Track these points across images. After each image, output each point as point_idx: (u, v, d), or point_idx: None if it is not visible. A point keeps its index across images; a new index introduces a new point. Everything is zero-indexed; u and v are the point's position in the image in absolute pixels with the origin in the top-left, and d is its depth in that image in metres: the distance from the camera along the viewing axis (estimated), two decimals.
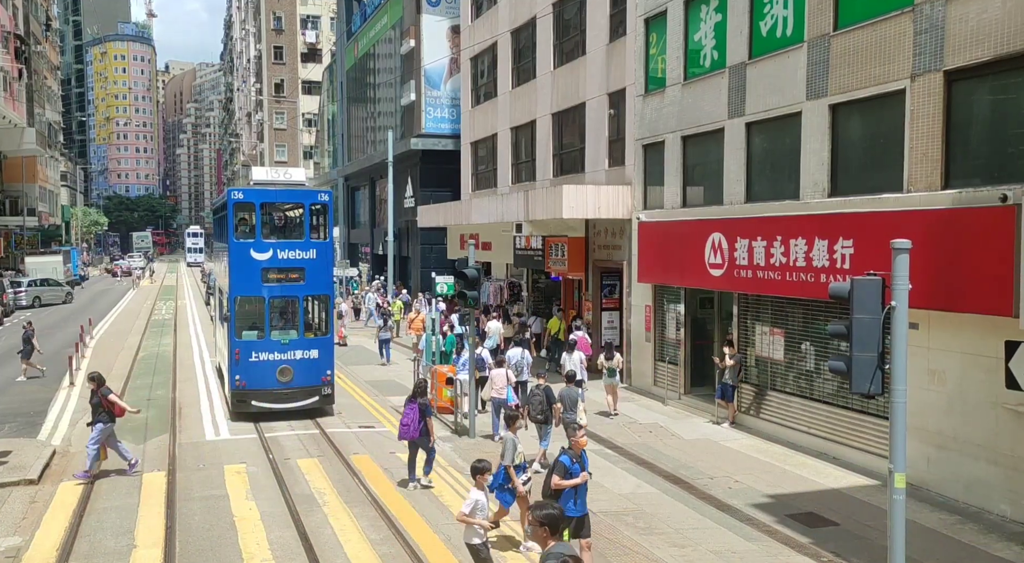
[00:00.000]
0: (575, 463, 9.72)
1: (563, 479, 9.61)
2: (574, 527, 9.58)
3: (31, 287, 46.69)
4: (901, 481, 7.65)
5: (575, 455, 9.83)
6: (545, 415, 14.20)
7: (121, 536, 11.07)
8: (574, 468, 9.68)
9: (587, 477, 9.82)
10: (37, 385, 22.38)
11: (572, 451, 9.87)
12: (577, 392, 14.56)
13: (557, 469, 9.70)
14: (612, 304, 22.90)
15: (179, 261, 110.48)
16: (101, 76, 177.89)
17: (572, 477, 9.62)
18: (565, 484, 9.60)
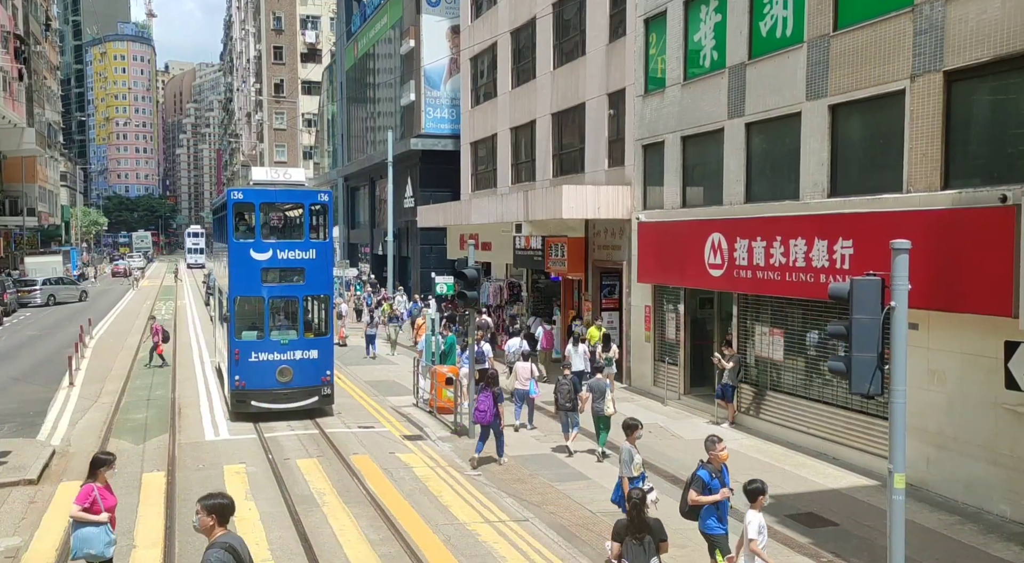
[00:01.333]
0: (714, 478, 9.03)
1: (701, 494, 8.97)
2: (723, 545, 8.97)
3: (46, 285, 46.90)
4: (901, 481, 7.64)
5: (715, 469, 9.10)
6: (572, 403, 15.33)
7: (121, 536, 11.02)
8: (713, 483, 8.99)
9: (728, 494, 9.08)
10: (37, 385, 22.37)
11: (711, 465, 9.13)
12: (605, 383, 15.17)
13: (695, 484, 9.02)
14: (612, 304, 22.90)
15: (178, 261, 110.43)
16: (101, 76, 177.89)
17: (711, 493, 8.97)
18: (703, 500, 8.97)
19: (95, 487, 8.50)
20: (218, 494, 6.34)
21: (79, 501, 8.39)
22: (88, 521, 8.36)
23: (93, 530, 8.35)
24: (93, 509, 8.39)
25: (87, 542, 8.34)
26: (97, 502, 8.43)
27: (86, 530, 8.34)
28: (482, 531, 11.30)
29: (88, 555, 8.35)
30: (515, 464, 14.75)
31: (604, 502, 12.64)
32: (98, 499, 8.45)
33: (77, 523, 8.39)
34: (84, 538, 8.34)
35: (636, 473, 10.45)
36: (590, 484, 13.56)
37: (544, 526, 11.52)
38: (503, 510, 12.15)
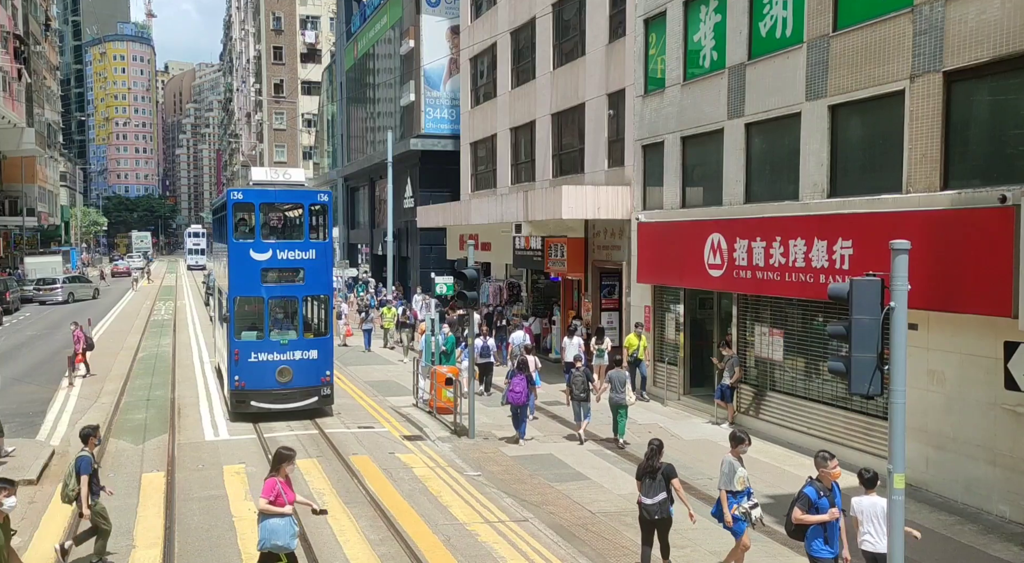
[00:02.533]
0: (823, 496, 8.51)
1: (806, 513, 8.47)
2: None
3: (66, 284, 49.40)
4: (900, 481, 7.64)
5: (824, 488, 8.61)
6: (586, 393, 16.05)
7: (120, 536, 11.06)
8: (821, 502, 8.48)
9: (838, 514, 8.55)
10: (36, 385, 22.37)
11: (820, 483, 8.67)
12: (625, 374, 16.00)
13: (800, 502, 8.49)
14: (611, 304, 22.90)
15: (178, 261, 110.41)
16: (100, 76, 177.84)
17: (818, 512, 8.50)
18: (809, 519, 8.50)
19: (278, 481, 8.71)
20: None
21: (265, 494, 8.64)
22: (274, 513, 8.59)
23: (279, 522, 8.59)
24: (278, 502, 8.61)
25: (274, 533, 8.56)
26: (281, 495, 8.64)
27: (272, 521, 8.58)
28: (482, 531, 11.30)
29: (274, 546, 8.58)
30: (515, 464, 14.75)
31: (603, 502, 12.66)
32: (282, 492, 8.65)
33: (263, 515, 8.64)
34: (271, 529, 8.57)
35: (739, 487, 9.73)
36: (590, 484, 13.57)
37: (544, 526, 11.52)
38: (503, 510, 12.15)
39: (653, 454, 9.87)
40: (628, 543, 10.95)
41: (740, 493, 9.72)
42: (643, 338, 19.53)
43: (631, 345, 19.37)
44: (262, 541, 8.62)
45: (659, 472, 9.77)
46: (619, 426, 15.96)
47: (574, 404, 16.25)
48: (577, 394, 16.03)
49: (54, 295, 47.85)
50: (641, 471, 9.96)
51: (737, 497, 9.71)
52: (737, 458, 9.84)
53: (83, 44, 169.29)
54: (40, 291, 47.49)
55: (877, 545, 8.58)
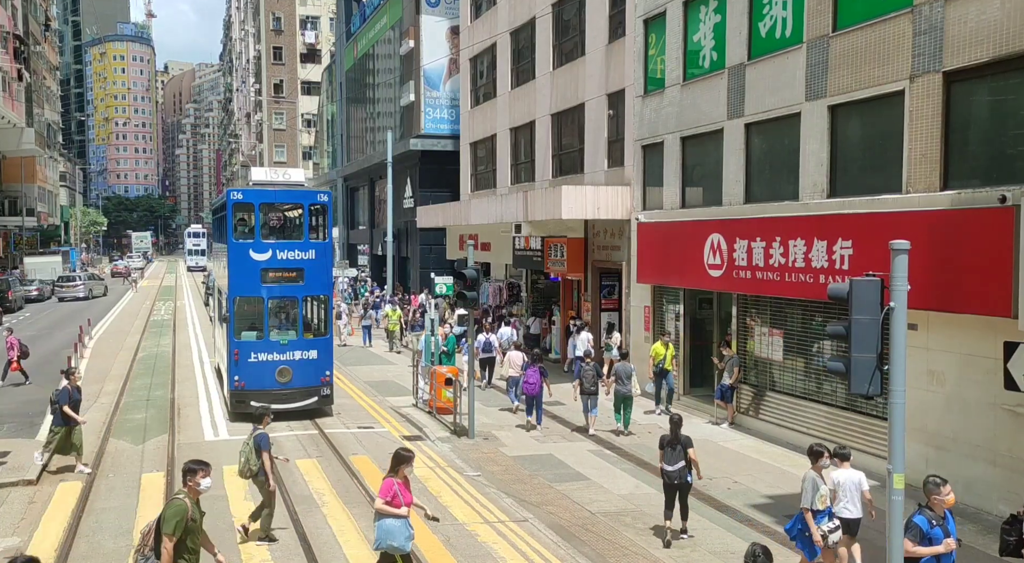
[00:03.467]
0: (936, 526, 7.76)
1: (918, 545, 7.71)
2: None
3: (85, 281, 53.03)
4: (900, 482, 7.64)
5: (937, 516, 7.85)
6: (596, 387, 16.69)
7: (120, 537, 11.06)
8: (934, 532, 7.73)
9: (954, 546, 7.83)
10: (36, 385, 22.35)
11: (932, 511, 7.89)
12: (630, 367, 16.77)
13: (910, 531, 7.72)
14: (611, 305, 22.90)
15: (177, 261, 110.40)
16: (100, 76, 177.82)
17: (931, 543, 7.75)
18: (922, 552, 7.72)
19: (395, 482, 8.69)
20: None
21: (382, 495, 8.63)
22: (390, 514, 8.57)
23: (395, 523, 8.58)
24: (394, 503, 8.59)
25: (390, 534, 8.56)
26: (398, 496, 8.61)
27: (388, 522, 8.57)
28: (481, 531, 11.30)
29: (390, 547, 8.59)
30: (514, 464, 14.75)
31: (603, 502, 12.66)
32: (399, 493, 8.62)
33: (380, 516, 8.64)
34: (387, 530, 8.57)
35: (821, 506, 9.25)
36: (590, 484, 13.57)
37: (543, 526, 11.52)
38: (502, 510, 12.15)
39: (675, 427, 11.16)
40: (628, 543, 10.95)
41: (821, 513, 9.25)
42: (670, 347, 18.42)
43: (657, 355, 18.21)
44: (377, 541, 8.61)
45: (679, 443, 11.03)
46: (625, 417, 16.72)
47: (583, 398, 16.79)
48: (587, 387, 16.60)
49: (76, 291, 50.97)
50: (664, 441, 11.19)
51: (817, 517, 9.23)
52: (819, 474, 9.41)
53: (83, 44, 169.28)
54: (63, 288, 51.04)
55: (854, 512, 9.62)
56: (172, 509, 7.38)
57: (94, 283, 54.55)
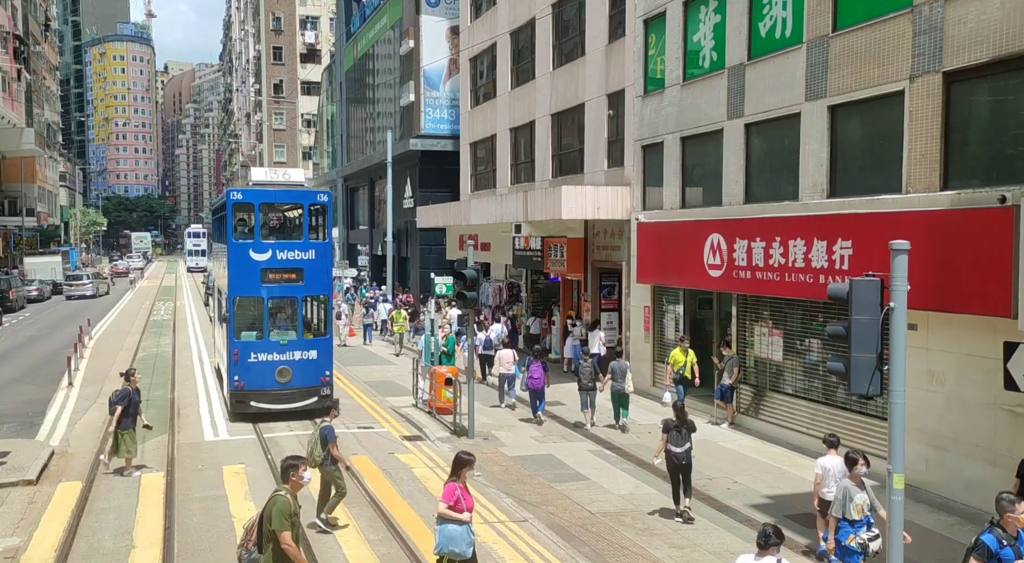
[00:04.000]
0: (1006, 546, 7.19)
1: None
2: None
3: (93, 280, 55.49)
4: (900, 482, 7.64)
5: (1008, 536, 7.26)
6: (594, 383, 17.08)
7: (120, 537, 11.06)
8: (1004, 552, 7.18)
9: None
10: (36, 386, 22.36)
11: (1003, 530, 7.29)
12: (626, 364, 17.08)
13: (978, 551, 7.23)
14: (611, 305, 22.90)
15: (177, 261, 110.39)
16: (100, 76, 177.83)
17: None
18: None
19: (458, 486, 8.58)
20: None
21: (445, 499, 8.53)
22: (452, 519, 8.49)
23: (457, 528, 8.50)
24: (456, 508, 8.49)
25: (452, 539, 8.50)
26: (460, 501, 8.51)
27: (450, 527, 8.50)
28: (481, 531, 11.28)
29: (451, 552, 8.53)
30: (514, 464, 14.75)
31: (603, 502, 12.66)
32: (461, 498, 8.52)
33: (442, 520, 8.55)
34: (449, 535, 8.51)
35: (857, 516, 8.85)
36: (589, 484, 13.57)
37: (543, 526, 11.52)
38: (502, 510, 12.15)
39: (679, 413, 12.06)
40: (627, 543, 10.95)
41: (858, 522, 8.90)
42: (690, 354, 17.50)
43: (676, 362, 17.49)
44: (439, 546, 8.54)
45: (685, 426, 11.90)
46: (624, 413, 17.13)
47: (581, 394, 17.25)
48: (585, 384, 17.06)
49: (84, 289, 53.19)
50: (669, 426, 11.98)
51: (854, 527, 8.89)
52: (856, 483, 9.01)
53: (83, 44, 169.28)
54: (71, 286, 53.37)
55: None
56: (278, 505, 7.47)
57: (99, 281, 56.91)
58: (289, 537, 7.37)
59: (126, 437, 13.81)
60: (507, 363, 19.36)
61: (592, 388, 17.12)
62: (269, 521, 7.41)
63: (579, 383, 17.23)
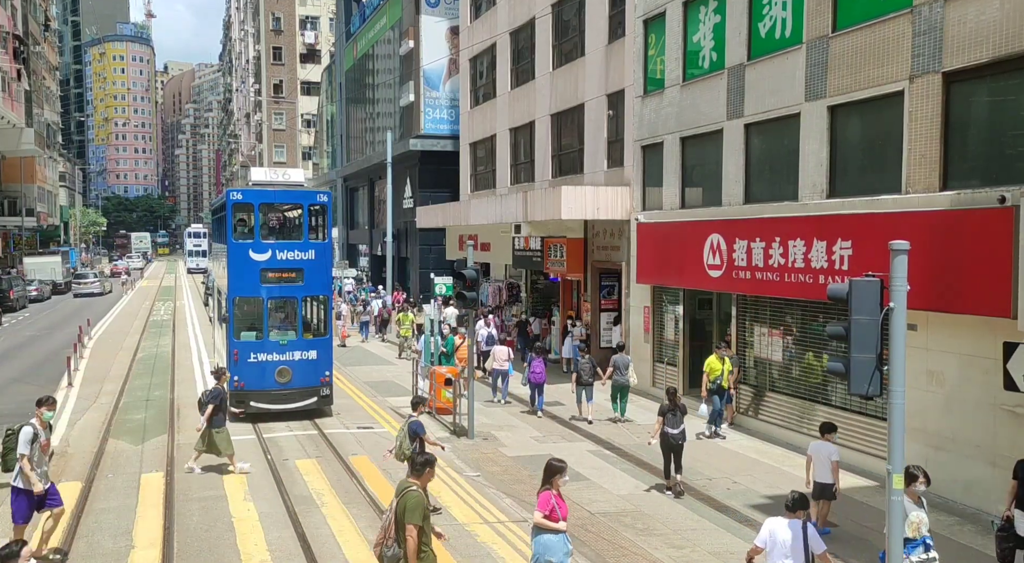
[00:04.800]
0: None
1: None
2: None
3: (98, 278, 59.39)
4: (899, 482, 7.64)
5: None
6: (592, 379, 17.64)
7: (119, 537, 11.06)
8: None
9: None
10: (35, 386, 22.36)
11: None
12: (628, 359, 17.74)
13: None
14: (611, 305, 22.91)
15: (177, 261, 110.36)
16: (100, 77, 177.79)
17: None
18: None
19: (552, 495, 8.31)
20: None
21: (541, 508, 8.27)
22: (549, 529, 8.24)
23: (553, 538, 8.24)
24: (552, 516, 8.24)
25: (548, 549, 8.24)
26: (556, 510, 8.26)
27: (547, 537, 8.24)
28: (481, 532, 11.29)
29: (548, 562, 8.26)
30: (514, 465, 14.75)
31: (603, 503, 12.66)
32: (556, 507, 8.27)
33: (538, 530, 8.31)
34: (545, 545, 8.25)
35: (912, 534, 8.24)
36: (589, 484, 13.56)
37: None
38: (502, 511, 12.14)
39: (672, 398, 13.12)
40: (627, 543, 10.95)
41: (914, 542, 8.32)
42: (727, 361, 16.12)
43: (713, 370, 15.97)
44: (535, 557, 8.30)
45: (678, 410, 12.97)
46: (622, 406, 17.73)
47: (579, 388, 17.73)
48: (585, 379, 17.59)
49: (92, 287, 56.47)
50: (664, 409, 13.05)
51: (909, 547, 8.21)
52: (913, 499, 8.38)
53: (82, 44, 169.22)
54: (80, 284, 57.02)
55: (826, 478, 11.00)
56: (412, 500, 7.57)
57: (105, 280, 61.22)
58: (416, 532, 7.46)
59: (220, 436, 13.80)
60: (501, 359, 19.81)
61: (590, 384, 17.60)
62: (403, 514, 7.51)
63: (578, 378, 17.65)
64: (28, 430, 10.11)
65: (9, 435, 10.35)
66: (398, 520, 7.54)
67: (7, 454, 10.33)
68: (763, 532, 7.77)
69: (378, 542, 7.79)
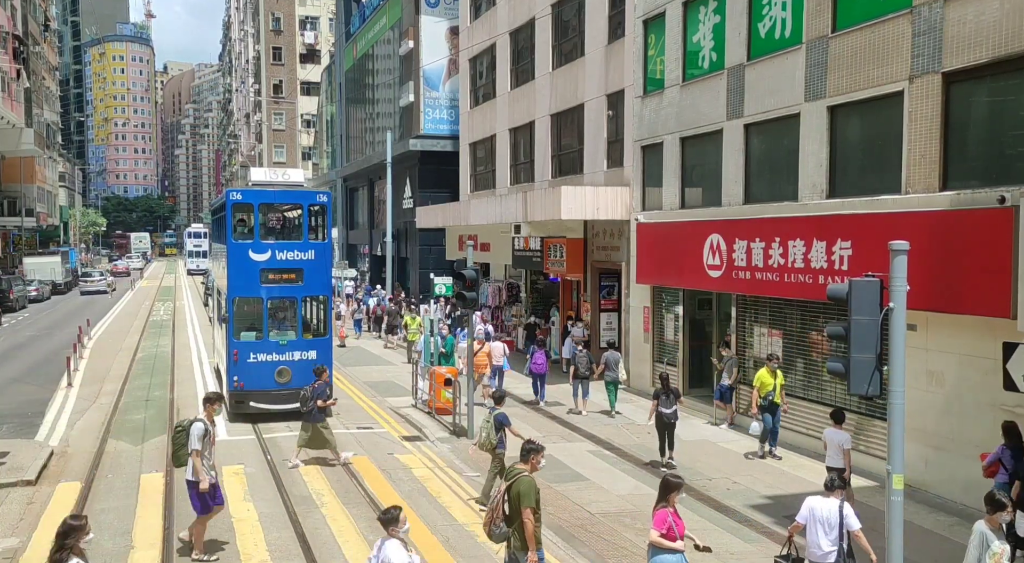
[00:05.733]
0: None
1: None
2: None
3: (104, 276, 62.71)
4: (899, 482, 7.65)
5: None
6: (589, 372, 18.48)
7: (119, 537, 11.06)
8: None
9: None
10: (35, 386, 22.36)
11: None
12: (618, 356, 18.56)
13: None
14: (611, 305, 22.90)
15: (176, 262, 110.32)
16: (99, 77, 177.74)
17: None
18: None
19: (669, 512, 7.94)
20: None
21: (657, 526, 7.94)
22: (666, 548, 7.88)
23: (671, 558, 7.90)
24: (669, 535, 7.89)
25: None
26: (673, 528, 7.91)
27: (664, 557, 7.91)
28: (481, 532, 11.25)
29: None
30: None
31: (603, 503, 12.65)
32: (673, 525, 7.92)
33: (655, 549, 7.97)
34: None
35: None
36: (589, 484, 13.56)
37: (543, 527, 11.46)
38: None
39: (665, 381, 14.62)
40: (627, 543, 10.94)
41: None
42: (779, 374, 14.84)
43: (764, 384, 14.68)
44: None
45: (671, 392, 14.40)
46: (611, 400, 18.39)
47: (575, 382, 18.55)
48: (581, 372, 18.42)
49: (99, 285, 59.51)
50: (658, 393, 14.54)
51: None
52: (994, 527, 7.49)
53: (82, 44, 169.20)
54: (87, 282, 60.12)
55: (837, 463, 11.80)
56: (526, 484, 8.03)
57: (110, 278, 63.83)
58: (533, 515, 7.93)
59: (324, 430, 14.34)
60: (497, 355, 20.25)
61: (587, 377, 18.47)
62: (518, 498, 7.97)
63: (575, 372, 18.49)
64: (199, 426, 10.40)
65: (179, 432, 10.68)
66: (511, 503, 8.05)
67: (178, 450, 10.65)
68: (803, 510, 8.35)
69: (487, 522, 8.35)
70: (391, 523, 7.17)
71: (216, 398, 11.10)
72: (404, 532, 7.20)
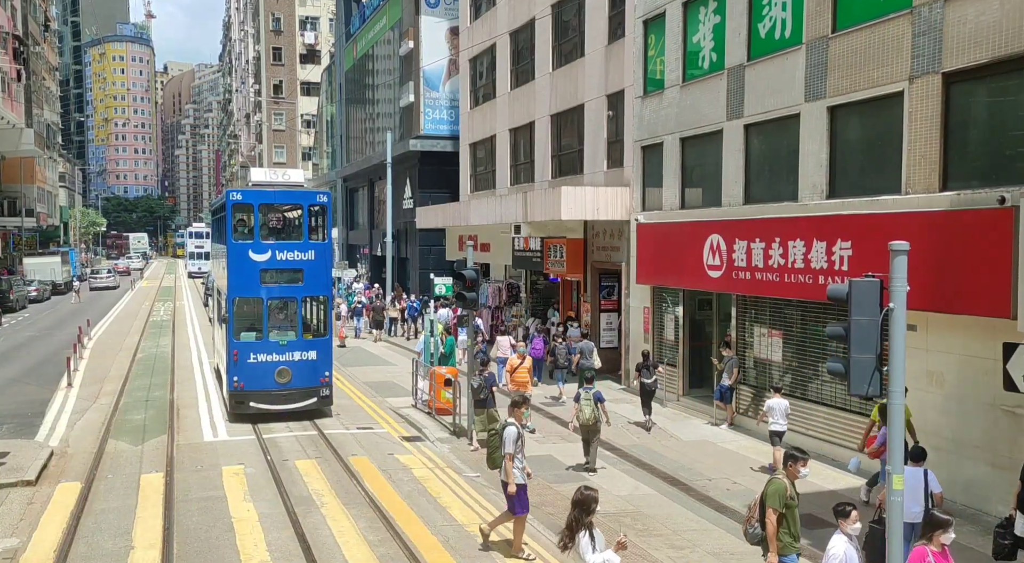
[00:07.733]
0: None
1: None
2: None
3: (110, 274, 68.05)
4: (899, 482, 7.64)
5: None
6: (568, 362, 19.91)
7: (119, 537, 11.06)
8: None
9: None
10: (35, 386, 22.36)
11: None
12: (591, 345, 19.63)
13: None
14: (610, 305, 22.91)
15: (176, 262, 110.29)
16: (99, 77, 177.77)
17: None
18: None
19: (929, 550, 6.87)
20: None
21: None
22: None
23: None
24: None
25: None
26: None
27: None
28: (480, 532, 11.27)
29: None
30: None
31: (603, 503, 12.57)
32: None
33: None
34: None
35: None
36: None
37: (543, 527, 11.51)
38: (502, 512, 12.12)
39: (646, 358, 17.30)
40: (627, 543, 10.92)
41: None
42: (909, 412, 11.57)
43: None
44: None
45: (650, 366, 17.03)
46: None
47: (556, 372, 20.27)
48: (561, 363, 20.13)
49: (108, 281, 64.63)
50: (640, 367, 17.05)
51: None
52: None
53: (82, 45, 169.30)
54: (96, 278, 65.39)
55: (783, 426, 13.77)
56: (773, 486, 8.28)
57: (115, 276, 69.17)
58: (775, 516, 8.17)
59: (495, 413, 15.39)
60: (504, 348, 21.09)
61: (567, 366, 19.98)
62: (765, 499, 8.29)
63: (555, 362, 20.29)
64: (512, 430, 10.63)
65: (493, 435, 11.13)
66: (761, 503, 8.37)
67: (493, 453, 11.06)
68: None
69: (745, 520, 8.69)
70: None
71: (522, 401, 11.34)
72: None
